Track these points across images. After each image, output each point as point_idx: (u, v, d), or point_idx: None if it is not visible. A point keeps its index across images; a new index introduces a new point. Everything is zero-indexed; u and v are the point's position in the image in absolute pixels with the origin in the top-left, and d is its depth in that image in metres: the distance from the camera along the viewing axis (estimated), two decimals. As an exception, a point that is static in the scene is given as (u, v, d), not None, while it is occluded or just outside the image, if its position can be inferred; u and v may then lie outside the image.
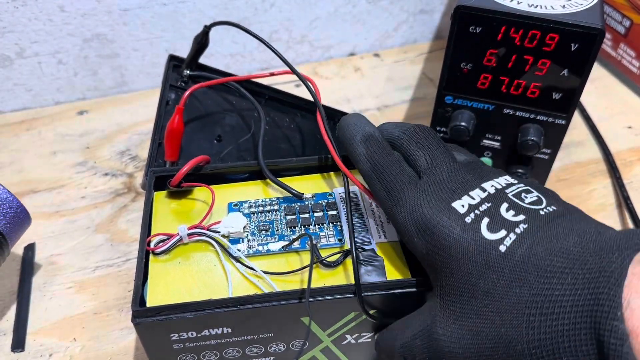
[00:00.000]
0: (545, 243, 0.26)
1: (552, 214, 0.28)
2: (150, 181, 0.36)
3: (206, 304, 0.30)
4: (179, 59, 0.46)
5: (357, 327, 0.33)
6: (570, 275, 0.24)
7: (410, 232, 0.29)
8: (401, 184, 0.30)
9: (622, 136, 0.56)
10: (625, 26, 0.59)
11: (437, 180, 0.30)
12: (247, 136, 0.45)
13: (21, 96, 0.57)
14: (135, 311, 0.29)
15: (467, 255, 0.27)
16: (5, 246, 0.39)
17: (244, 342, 0.32)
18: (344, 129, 0.34)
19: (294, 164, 0.38)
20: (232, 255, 0.32)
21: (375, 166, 0.31)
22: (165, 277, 0.32)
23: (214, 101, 0.46)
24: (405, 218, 0.29)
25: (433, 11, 0.66)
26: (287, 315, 0.31)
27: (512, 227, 0.27)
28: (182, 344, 0.31)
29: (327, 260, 0.32)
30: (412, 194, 0.30)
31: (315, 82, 0.38)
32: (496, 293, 0.26)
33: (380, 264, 0.32)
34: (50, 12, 0.53)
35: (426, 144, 0.32)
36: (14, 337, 0.40)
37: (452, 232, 0.27)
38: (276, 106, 0.48)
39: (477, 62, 0.41)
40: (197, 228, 0.33)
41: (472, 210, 0.28)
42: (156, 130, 0.42)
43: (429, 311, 0.29)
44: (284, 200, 0.36)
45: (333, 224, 0.34)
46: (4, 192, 0.38)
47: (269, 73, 0.40)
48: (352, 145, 0.33)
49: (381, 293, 0.31)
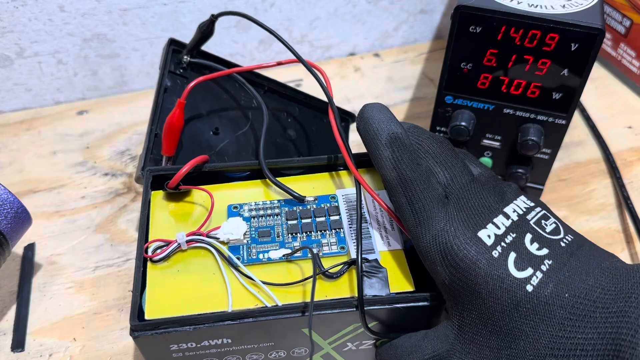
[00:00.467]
0: (569, 284, 0.26)
1: (571, 247, 0.28)
2: (147, 181, 0.35)
3: (205, 318, 0.29)
4: (179, 43, 0.44)
5: (358, 336, 0.32)
6: (593, 319, 0.24)
7: (433, 259, 0.28)
8: (430, 203, 0.28)
9: (622, 136, 0.56)
10: (625, 26, 0.59)
11: (461, 203, 0.28)
12: (245, 128, 0.44)
13: (21, 96, 0.57)
14: (134, 325, 0.29)
15: (494, 293, 0.26)
16: (6, 246, 0.39)
17: (244, 350, 0.31)
18: (366, 123, 0.30)
19: (295, 163, 0.37)
20: (232, 263, 0.32)
21: (403, 177, 0.29)
22: (163, 285, 0.31)
23: (211, 91, 0.44)
24: (429, 243, 0.28)
25: (433, 11, 0.66)
26: (287, 328, 0.30)
27: (537, 264, 0.27)
28: (181, 353, 0.31)
29: (330, 272, 0.31)
30: (440, 216, 0.28)
31: (315, 82, 0.38)
32: (520, 333, 0.25)
33: (384, 276, 0.31)
34: (50, 12, 0.53)
35: (444, 158, 0.30)
36: (14, 337, 0.40)
37: (479, 266, 0.26)
38: (275, 98, 0.47)
39: (477, 62, 0.41)
40: (195, 235, 0.32)
41: (498, 243, 0.27)
42: (153, 119, 0.40)
43: (444, 338, 0.28)
44: (286, 203, 0.35)
45: (336, 231, 0.33)
46: (5, 192, 0.38)
47: (276, 62, 0.39)
48: (375, 145, 0.30)
49: (384, 307, 0.30)
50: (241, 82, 0.43)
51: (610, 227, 0.48)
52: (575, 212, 0.49)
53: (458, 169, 0.30)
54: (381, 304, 0.30)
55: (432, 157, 0.30)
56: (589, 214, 0.49)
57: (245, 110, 0.45)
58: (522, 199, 0.30)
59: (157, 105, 0.41)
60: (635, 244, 0.46)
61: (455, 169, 0.30)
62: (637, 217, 0.47)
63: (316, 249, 0.33)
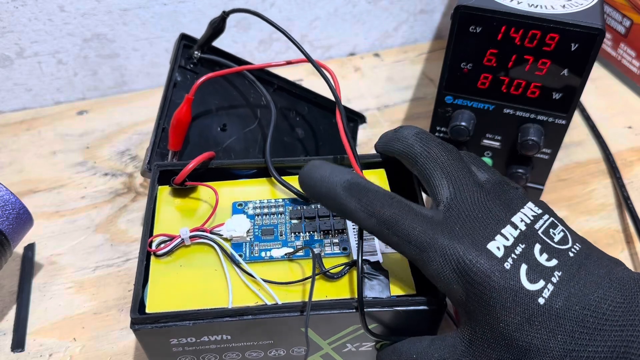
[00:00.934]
0: (579, 296, 0.26)
1: (579, 256, 0.28)
2: (155, 176, 0.35)
3: (205, 314, 0.29)
4: (190, 38, 0.44)
5: (358, 337, 0.32)
6: (603, 332, 0.25)
7: (447, 279, 0.27)
8: (423, 231, 0.27)
9: (622, 136, 0.56)
10: (625, 26, 0.59)
11: (466, 216, 0.28)
12: (253, 125, 0.44)
13: (21, 96, 0.57)
14: (134, 318, 0.29)
15: (507, 305, 0.26)
16: (8, 247, 0.39)
17: (243, 347, 0.32)
18: (313, 188, 0.29)
19: (302, 163, 0.36)
20: (234, 260, 0.32)
21: (382, 218, 0.28)
22: (165, 280, 0.31)
23: (220, 87, 0.44)
24: (440, 264, 0.27)
25: (433, 11, 0.66)
26: (286, 326, 0.30)
27: (548, 275, 0.27)
28: (181, 348, 0.31)
29: (331, 272, 0.31)
30: (440, 237, 0.27)
31: (315, 82, 0.38)
32: (531, 346, 0.25)
33: (385, 278, 0.31)
34: (50, 12, 0.53)
35: (451, 169, 0.29)
36: (14, 337, 0.40)
37: (493, 279, 0.26)
38: (284, 96, 0.47)
39: (477, 62, 0.41)
40: (199, 230, 0.33)
41: (508, 255, 0.27)
42: (162, 113, 0.40)
43: (452, 349, 0.28)
44: (290, 202, 0.35)
45: (339, 232, 0.34)
46: (7, 193, 0.38)
47: (286, 62, 0.39)
48: (335, 202, 0.28)
49: (384, 310, 0.30)
50: (251, 80, 0.43)
51: (610, 227, 0.48)
52: (575, 212, 0.49)
53: (464, 181, 0.29)
54: (381, 306, 0.30)
55: (439, 166, 0.30)
56: (589, 214, 0.49)
57: (254, 108, 0.45)
58: (530, 206, 0.30)
59: (165, 99, 0.41)
60: (635, 244, 0.46)
61: (462, 181, 0.29)
62: (637, 217, 0.47)
63: (318, 249, 0.33)
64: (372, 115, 0.57)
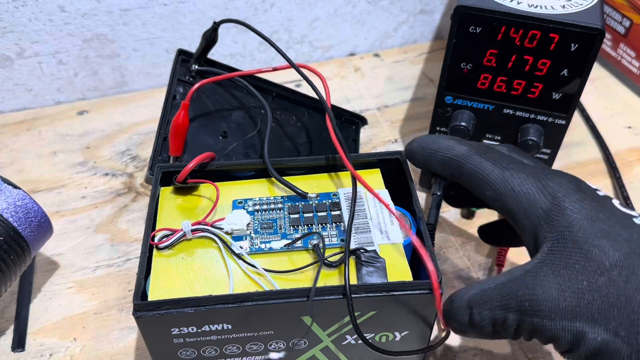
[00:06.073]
0: None
1: None
2: (157, 176, 0.36)
3: (206, 299, 0.30)
4: (187, 53, 0.46)
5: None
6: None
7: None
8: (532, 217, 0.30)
9: (622, 136, 0.56)
10: (625, 26, 0.59)
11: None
12: (253, 133, 0.45)
13: (21, 96, 0.57)
14: (137, 305, 0.29)
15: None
16: (28, 254, 0.39)
17: (244, 338, 0.32)
18: (437, 150, 0.33)
19: (299, 163, 0.38)
20: (235, 252, 0.32)
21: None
22: (167, 271, 0.32)
23: (220, 97, 0.46)
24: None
25: (433, 11, 0.66)
26: (287, 314, 0.31)
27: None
28: (182, 339, 0.31)
29: (329, 260, 0.32)
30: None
31: (316, 82, 0.38)
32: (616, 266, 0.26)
33: (382, 266, 0.32)
34: (51, 12, 0.53)
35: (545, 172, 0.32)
36: (14, 337, 0.40)
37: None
38: (283, 104, 0.48)
39: (477, 62, 0.41)
40: (201, 224, 0.33)
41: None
42: (162, 124, 0.42)
43: (520, 268, 0.28)
44: (289, 199, 0.36)
45: (336, 224, 0.34)
46: (30, 201, 0.39)
47: (272, 68, 0.41)
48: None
49: (382, 295, 0.31)
50: (243, 85, 0.45)
51: (610, 227, 0.48)
52: (575, 212, 0.49)
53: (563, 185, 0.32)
54: (378, 291, 0.30)
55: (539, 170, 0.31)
56: (588, 214, 0.49)
57: (254, 116, 0.46)
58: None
59: (165, 111, 0.43)
60: (635, 244, 0.46)
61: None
62: (637, 217, 0.47)
63: (317, 240, 0.33)
64: (372, 116, 0.57)
